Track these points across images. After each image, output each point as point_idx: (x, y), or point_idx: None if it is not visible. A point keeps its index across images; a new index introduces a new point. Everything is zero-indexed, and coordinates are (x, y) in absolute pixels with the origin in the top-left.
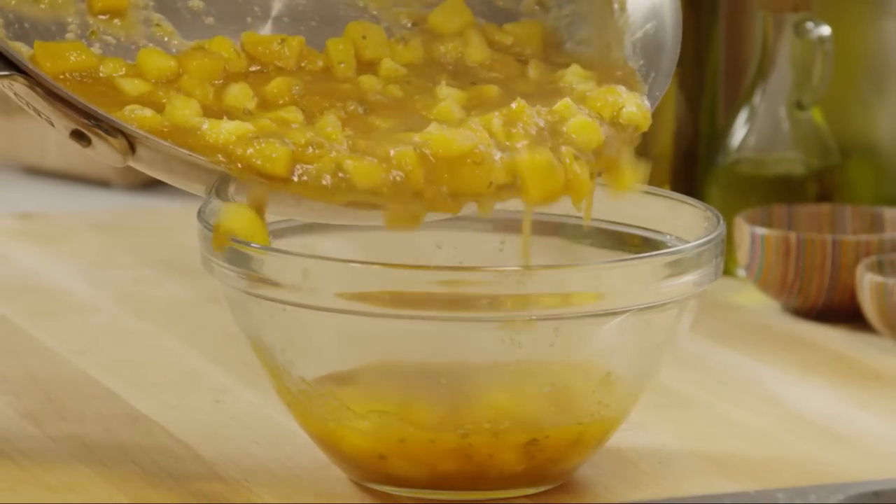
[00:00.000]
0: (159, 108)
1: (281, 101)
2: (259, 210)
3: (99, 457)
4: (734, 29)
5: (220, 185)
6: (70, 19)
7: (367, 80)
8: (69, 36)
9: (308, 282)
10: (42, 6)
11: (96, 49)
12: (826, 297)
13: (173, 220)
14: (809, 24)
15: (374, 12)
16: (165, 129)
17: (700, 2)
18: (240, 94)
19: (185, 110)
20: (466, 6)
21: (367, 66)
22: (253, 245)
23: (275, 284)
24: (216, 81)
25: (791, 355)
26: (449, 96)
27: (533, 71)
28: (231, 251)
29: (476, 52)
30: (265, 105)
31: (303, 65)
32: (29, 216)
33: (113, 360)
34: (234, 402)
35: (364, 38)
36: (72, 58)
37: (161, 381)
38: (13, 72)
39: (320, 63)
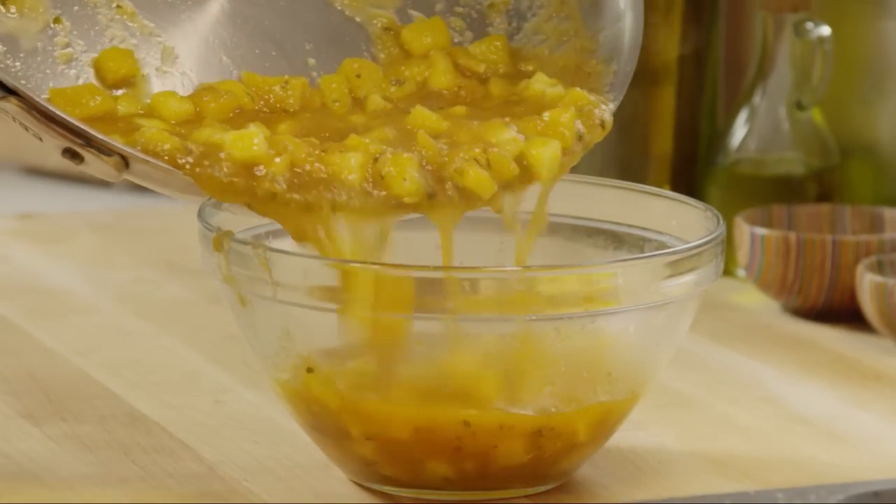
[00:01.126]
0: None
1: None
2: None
3: (99, 457)
4: (734, 29)
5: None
6: (37, 19)
7: (357, 118)
8: (34, 29)
9: (308, 282)
10: (11, 15)
11: (61, 38)
12: (826, 298)
13: (173, 220)
14: (809, 25)
15: (339, 7)
16: (179, 155)
17: (700, 2)
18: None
19: (212, 136)
20: (444, 27)
21: (360, 101)
22: (251, 245)
23: (275, 284)
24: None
25: (791, 355)
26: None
27: (494, 87)
28: (231, 251)
29: (440, 77)
30: None
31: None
32: (29, 216)
33: (113, 360)
34: (234, 402)
35: (358, 76)
36: (91, 103)
37: (161, 381)
38: (5, 94)
39: (318, 100)
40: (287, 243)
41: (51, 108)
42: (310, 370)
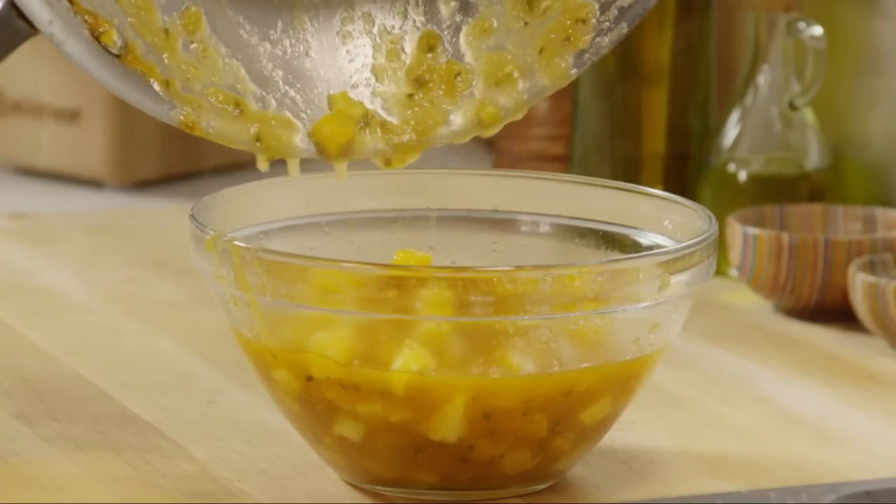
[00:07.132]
0: None
1: None
2: None
3: (91, 457)
4: (726, 29)
5: None
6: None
7: None
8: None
9: (301, 281)
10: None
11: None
12: (818, 297)
13: (165, 221)
14: (801, 24)
15: None
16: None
17: (692, 2)
18: None
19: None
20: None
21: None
22: (243, 245)
23: (265, 284)
24: None
25: (783, 355)
26: None
27: None
28: (223, 251)
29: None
30: None
31: None
32: (21, 217)
33: (105, 360)
34: (226, 402)
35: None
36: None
37: (153, 381)
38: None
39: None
40: (278, 243)
41: None
42: (308, 378)
